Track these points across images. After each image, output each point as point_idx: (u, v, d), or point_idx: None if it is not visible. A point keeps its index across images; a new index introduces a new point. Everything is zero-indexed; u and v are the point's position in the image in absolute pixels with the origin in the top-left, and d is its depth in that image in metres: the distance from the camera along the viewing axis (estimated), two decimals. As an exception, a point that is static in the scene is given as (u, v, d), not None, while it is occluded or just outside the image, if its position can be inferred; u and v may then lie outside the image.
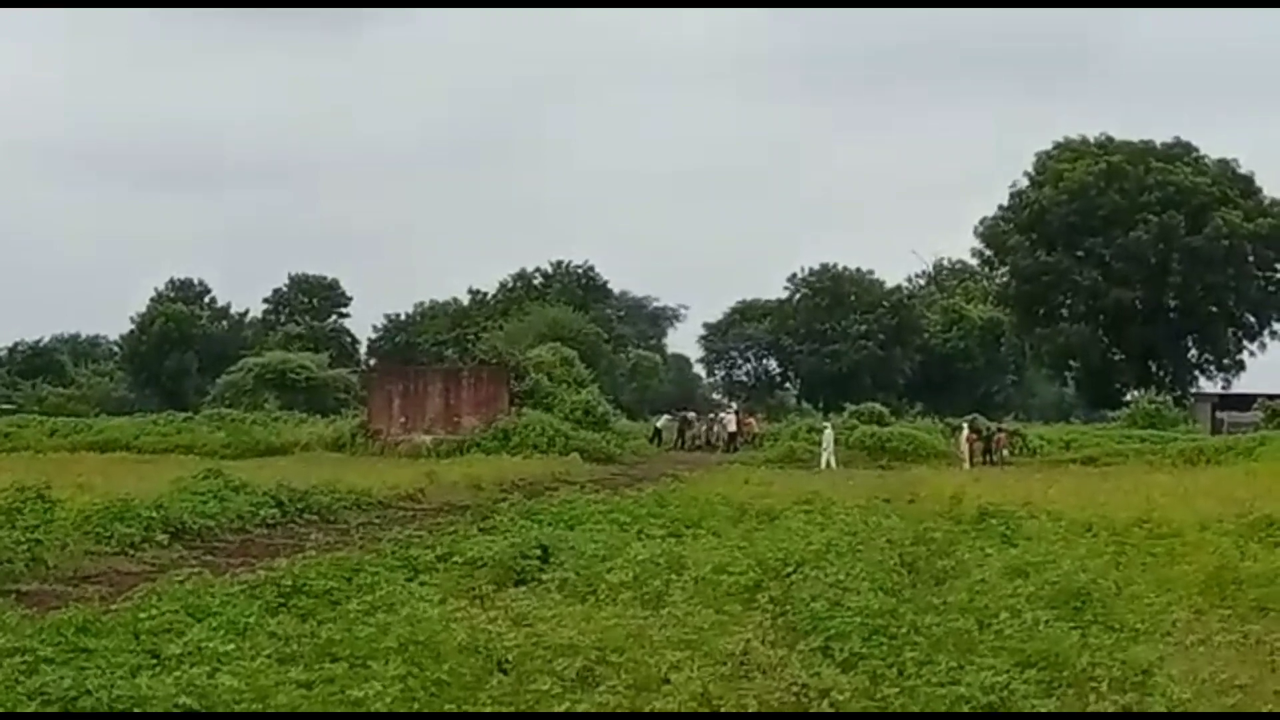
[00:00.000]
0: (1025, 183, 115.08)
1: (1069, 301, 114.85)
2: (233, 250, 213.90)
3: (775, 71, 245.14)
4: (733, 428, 75.50)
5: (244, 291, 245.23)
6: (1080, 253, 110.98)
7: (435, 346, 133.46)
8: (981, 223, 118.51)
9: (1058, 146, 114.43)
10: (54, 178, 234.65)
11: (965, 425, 70.99)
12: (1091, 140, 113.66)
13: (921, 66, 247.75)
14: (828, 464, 62.71)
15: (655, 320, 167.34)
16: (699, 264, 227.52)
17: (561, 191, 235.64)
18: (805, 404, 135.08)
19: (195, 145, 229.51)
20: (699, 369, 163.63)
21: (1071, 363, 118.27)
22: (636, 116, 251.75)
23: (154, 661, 12.61)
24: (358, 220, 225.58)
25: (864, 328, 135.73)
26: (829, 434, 67.26)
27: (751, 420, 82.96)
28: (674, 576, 18.44)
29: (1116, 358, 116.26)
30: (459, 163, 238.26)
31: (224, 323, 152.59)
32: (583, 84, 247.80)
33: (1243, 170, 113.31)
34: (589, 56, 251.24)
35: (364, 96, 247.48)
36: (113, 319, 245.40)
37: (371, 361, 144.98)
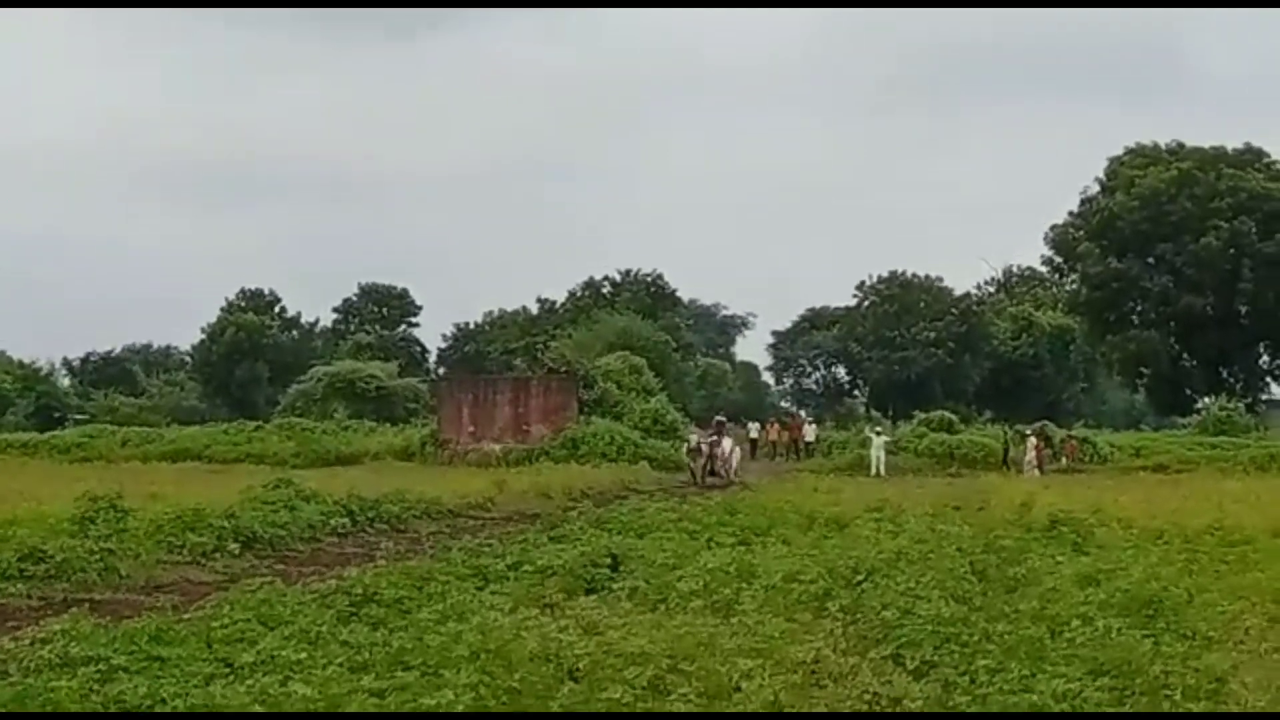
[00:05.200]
0: (1096, 189, 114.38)
1: (1139, 308, 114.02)
2: (303, 260, 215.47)
3: (844, 85, 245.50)
4: (727, 447, 59.20)
5: (314, 301, 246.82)
6: (1151, 259, 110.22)
7: (504, 355, 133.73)
8: (1052, 229, 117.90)
9: (1129, 153, 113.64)
10: (125, 191, 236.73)
11: (1030, 433, 70.67)
12: (1163, 146, 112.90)
13: (991, 75, 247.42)
14: (878, 471, 62.60)
15: (724, 328, 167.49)
16: (767, 272, 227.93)
17: (630, 201, 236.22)
18: (874, 412, 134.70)
19: (265, 157, 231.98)
20: (767, 377, 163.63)
21: (1142, 369, 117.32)
22: (705, 128, 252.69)
23: (227, 670, 12.66)
24: (427, 230, 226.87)
25: (933, 335, 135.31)
26: (879, 441, 67.10)
27: (807, 428, 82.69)
28: (744, 585, 18.39)
29: (1187, 364, 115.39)
30: (527, 173, 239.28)
31: (294, 332, 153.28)
32: (651, 97, 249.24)
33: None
34: (658, 71, 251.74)
35: (433, 110, 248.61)
36: (184, 329, 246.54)
37: (441, 370, 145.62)
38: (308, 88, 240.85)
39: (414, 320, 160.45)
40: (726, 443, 59.13)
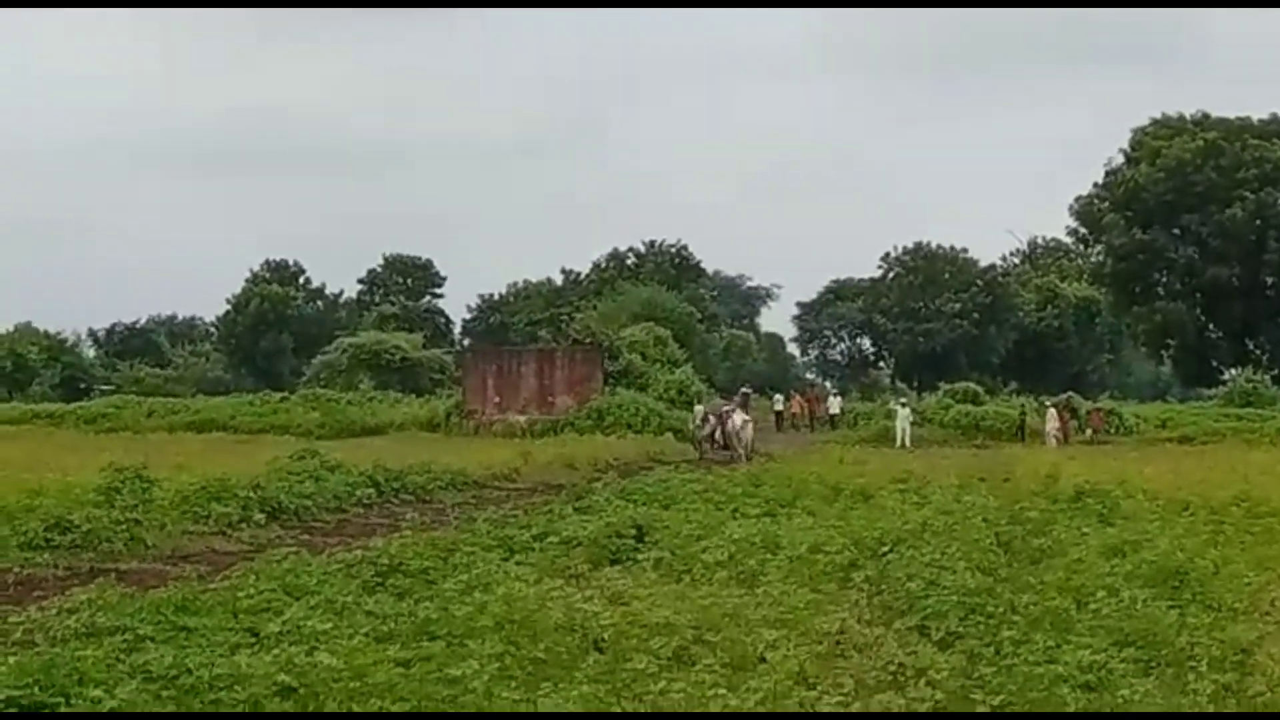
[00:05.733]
0: (1121, 160, 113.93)
1: (1165, 279, 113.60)
2: (328, 231, 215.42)
3: (872, 57, 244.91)
4: (739, 421, 53.69)
5: (339, 272, 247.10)
6: (1176, 230, 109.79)
7: (529, 327, 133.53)
8: (1077, 201, 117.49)
9: (1154, 124, 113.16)
10: (152, 164, 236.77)
11: (1051, 404, 70.59)
12: (1188, 117, 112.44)
13: (1018, 46, 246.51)
14: (903, 443, 62.56)
15: (748, 300, 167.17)
16: (793, 243, 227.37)
17: (655, 172, 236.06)
18: (899, 383, 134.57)
19: (291, 129, 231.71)
20: (793, 348, 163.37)
21: (1168, 341, 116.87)
22: (732, 100, 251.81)
23: (253, 640, 12.69)
24: (452, 202, 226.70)
25: (958, 306, 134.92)
26: (904, 412, 67.02)
27: (827, 401, 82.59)
28: (769, 556, 18.42)
29: (1213, 336, 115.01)
30: (553, 145, 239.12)
31: (319, 303, 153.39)
32: (679, 70, 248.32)
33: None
34: (686, 46, 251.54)
35: (458, 82, 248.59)
36: (209, 300, 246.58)
37: (466, 342, 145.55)
38: (334, 58, 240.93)
39: (438, 292, 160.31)
40: (738, 416, 54.28)
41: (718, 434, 54.21)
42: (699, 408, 59.78)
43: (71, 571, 19.44)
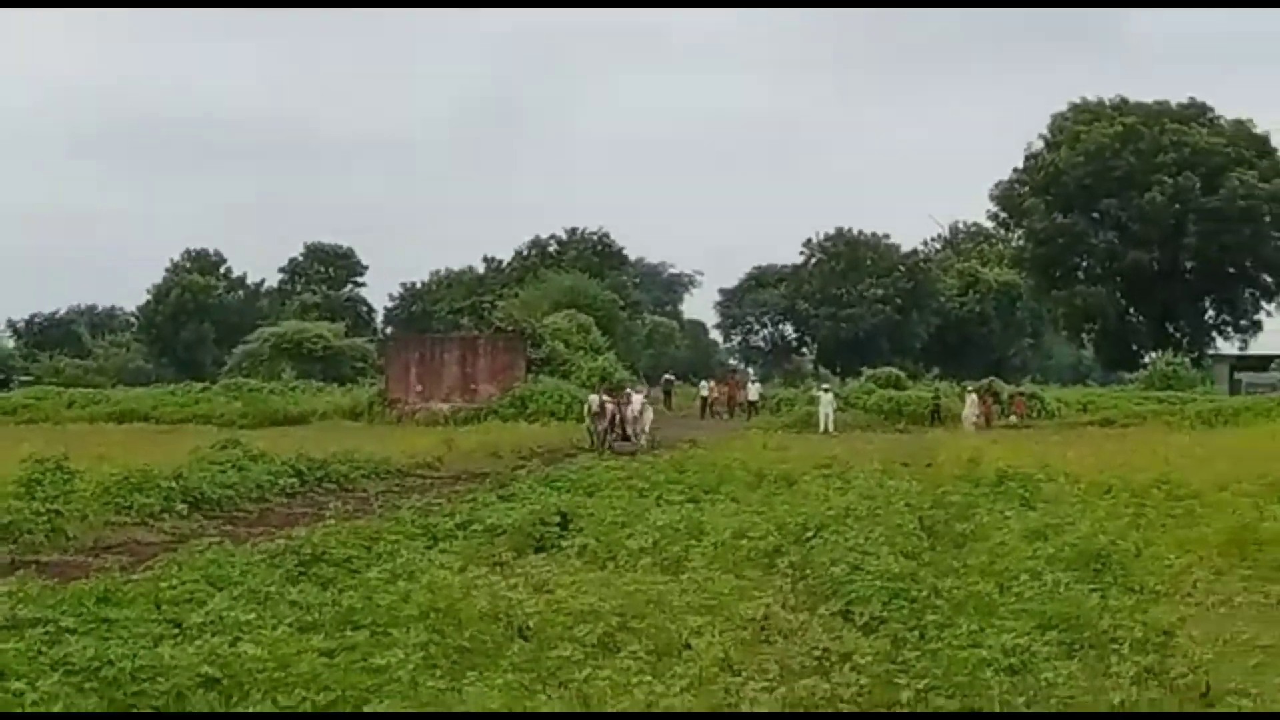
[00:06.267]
0: (1040, 145, 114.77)
1: (1086, 263, 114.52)
2: (248, 221, 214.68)
3: (790, 43, 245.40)
4: (637, 406, 51.58)
5: (260, 262, 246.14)
6: (1096, 214, 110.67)
7: (451, 315, 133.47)
8: (997, 186, 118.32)
9: (1073, 109, 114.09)
10: (74, 151, 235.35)
11: (972, 389, 71.09)
12: (1107, 102, 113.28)
13: (937, 32, 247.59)
14: (826, 428, 62.75)
15: (671, 286, 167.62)
16: (714, 230, 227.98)
17: (575, 160, 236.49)
18: (822, 369, 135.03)
19: (208, 118, 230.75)
20: (715, 335, 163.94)
21: (1089, 325, 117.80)
22: (651, 86, 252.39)
23: (176, 631, 12.61)
24: (373, 190, 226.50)
25: (880, 292, 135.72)
26: (827, 398, 67.22)
27: (747, 388, 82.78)
28: (693, 542, 18.46)
29: (1134, 319, 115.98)
30: (472, 133, 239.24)
31: (240, 293, 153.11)
32: (598, 54, 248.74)
33: (1258, 130, 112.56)
34: (604, 31, 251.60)
35: (376, 68, 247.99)
36: (129, 290, 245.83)
37: (388, 330, 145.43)
38: (251, 49, 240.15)
39: (360, 280, 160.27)
40: (637, 400, 52.00)
41: (616, 421, 50.91)
42: (593, 396, 53.64)
43: (-9, 564, 19.29)
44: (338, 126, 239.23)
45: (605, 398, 52.29)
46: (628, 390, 56.48)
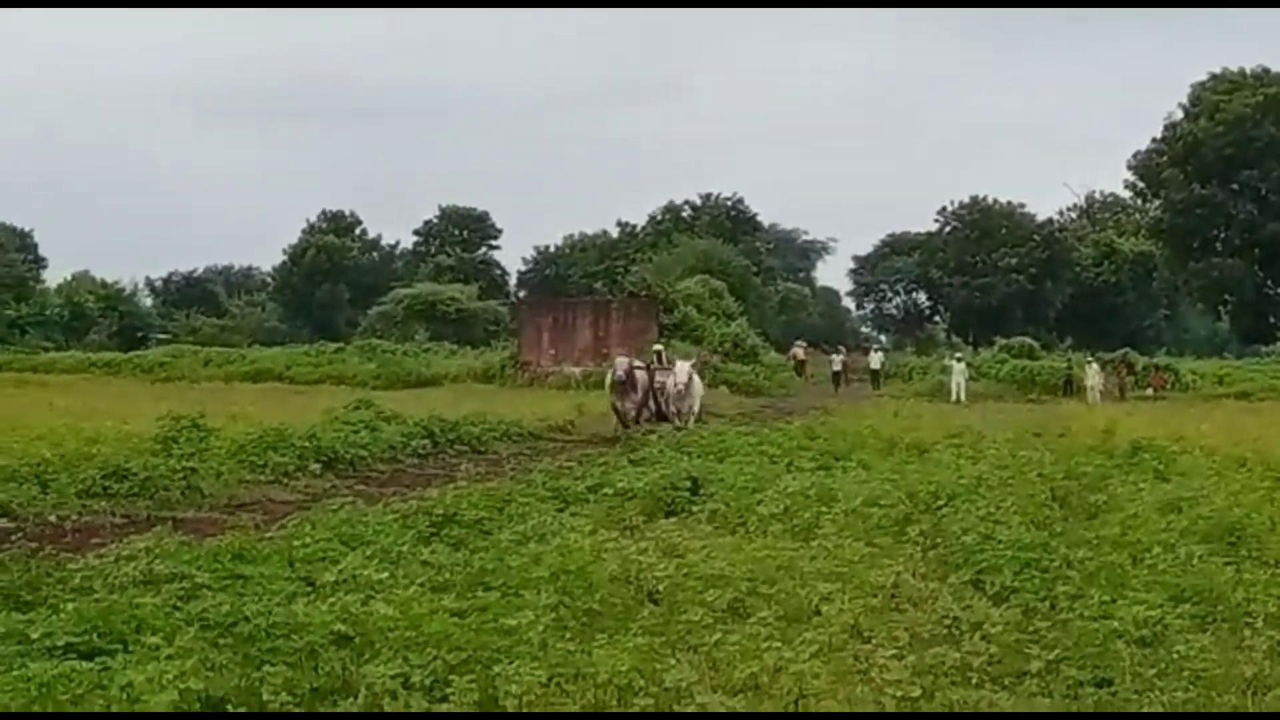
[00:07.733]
0: (1180, 115, 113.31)
1: (1223, 235, 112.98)
2: (384, 182, 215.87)
3: (933, 13, 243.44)
4: (682, 377, 39.74)
5: (395, 223, 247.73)
6: (1235, 185, 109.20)
7: (584, 279, 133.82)
8: (1135, 155, 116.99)
9: (1213, 78, 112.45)
10: (213, 114, 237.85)
11: (1093, 360, 70.58)
12: (1248, 72, 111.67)
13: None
14: (958, 397, 62.48)
15: (804, 253, 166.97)
16: (849, 197, 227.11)
17: (712, 125, 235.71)
18: (955, 338, 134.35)
19: (349, 80, 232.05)
20: (848, 302, 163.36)
21: (1226, 297, 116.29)
22: (791, 54, 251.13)
23: (309, 588, 12.69)
24: (508, 153, 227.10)
25: (1014, 261, 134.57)
26: (960, 367, 66.95)
27: (873, 355, 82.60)
28: (824, 509, 18.34)
29: (1271, 292, 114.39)
30: (610, 98, 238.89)
31: (375, 254, 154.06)
32: (739, 24, 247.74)
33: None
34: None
35: (514, 32, 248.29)
36: (266, 250, 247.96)
37: (521, 293, 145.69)
38: (394, 13, 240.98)
39: (494, 243, 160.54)
40: (683, 370, 40.29)
41: (650, 401, 41.06)
42: (620, 360, 41.60)
43: (129, 519, 19.47)
44: (474, 89, 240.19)
45: (637, 363, 41.88)
46: (663, 355, 46.33)
